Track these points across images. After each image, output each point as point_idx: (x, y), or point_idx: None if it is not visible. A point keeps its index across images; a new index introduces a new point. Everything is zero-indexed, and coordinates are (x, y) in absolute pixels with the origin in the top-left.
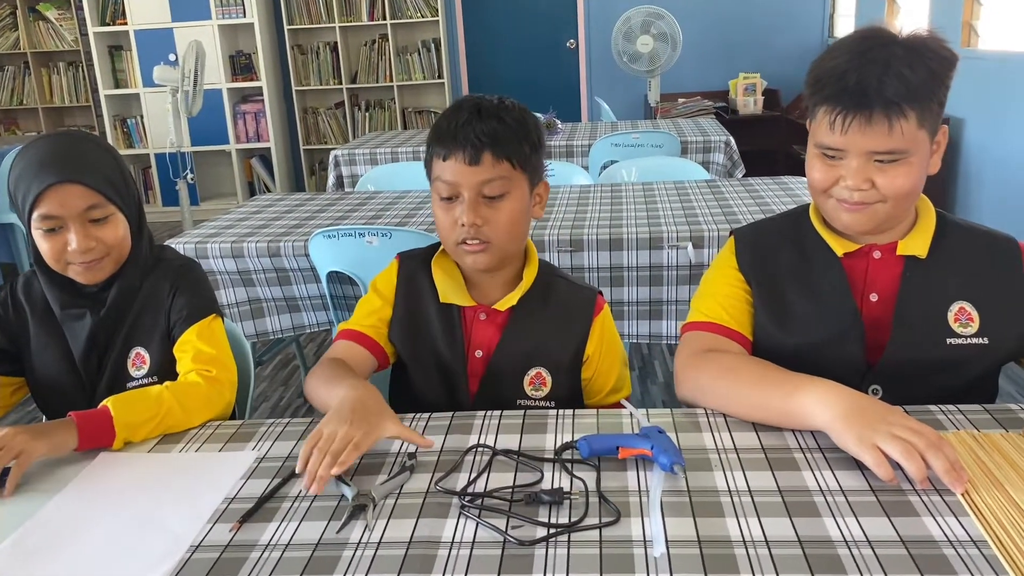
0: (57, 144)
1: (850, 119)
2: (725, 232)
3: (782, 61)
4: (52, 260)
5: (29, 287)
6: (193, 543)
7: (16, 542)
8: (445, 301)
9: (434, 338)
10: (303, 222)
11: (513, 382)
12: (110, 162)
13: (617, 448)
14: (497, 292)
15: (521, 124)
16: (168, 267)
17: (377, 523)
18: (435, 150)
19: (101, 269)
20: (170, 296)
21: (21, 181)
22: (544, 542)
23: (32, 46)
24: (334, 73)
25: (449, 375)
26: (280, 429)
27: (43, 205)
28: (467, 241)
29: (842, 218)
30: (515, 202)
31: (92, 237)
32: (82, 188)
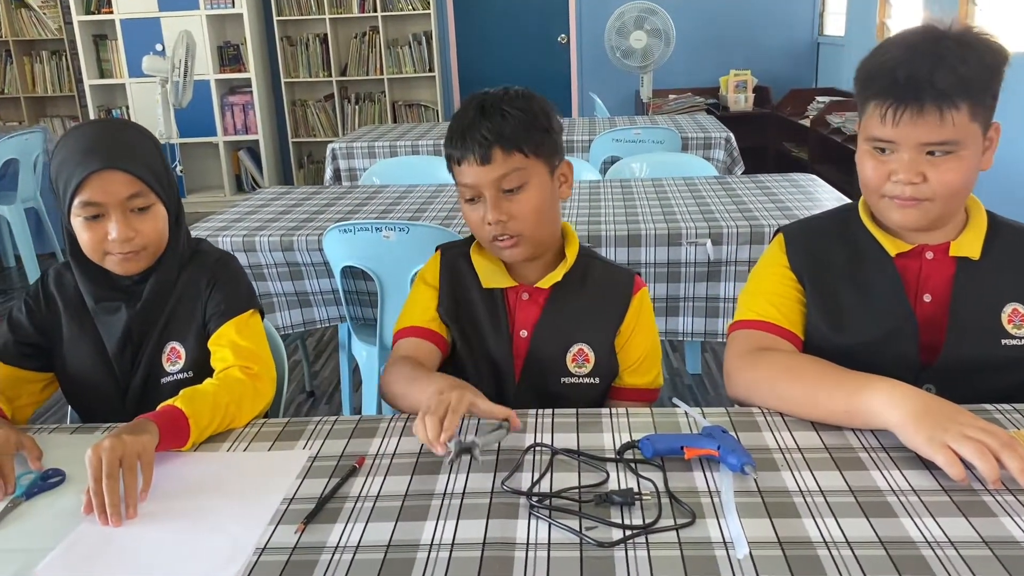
0: (101, 130)
1: (901, 111)
2: (744, 229)
3: (772, 59)
4: (90, 249)
5: (61, 280)
6: (258, 545)
7: (70, 545)
8: (488, 286)
9: (480, 322)
10: (313, 216)
11: (557, 360)
12: (153, 151)
13: (681, 448)
14: (538, 272)
15: (526, 112)
16: (205, 260)
17: (447, 523)
18: (450, 155)
19: (138, 261)
20: (208, 289)
21: (64, 168)
22: (622, 544)
23: (14, 34)
24: (324, 65)
25: (495, 357)
26: (329, 427)
27: (85, 192)
28: (498, 238)
29: (894, 216)
30: (536, 190)
31: (132, 227)
32: (126, 176)
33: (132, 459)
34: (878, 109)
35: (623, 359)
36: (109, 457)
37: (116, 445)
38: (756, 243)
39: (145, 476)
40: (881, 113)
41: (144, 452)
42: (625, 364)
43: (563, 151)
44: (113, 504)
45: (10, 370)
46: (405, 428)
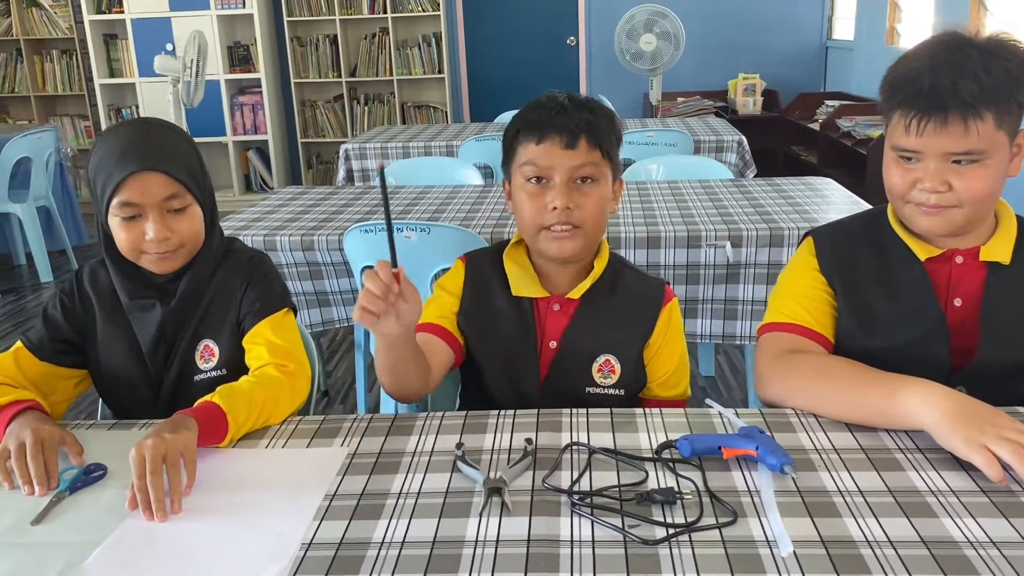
0: (139, 132)
1: (926, 121)
2: (764, 232)
3: (781, 62)
4: (127, 249)
5: (95, 278)
6: (304, 541)
7: (117, 540)
8: (518, 294)
9: (504, 331)
10: (332, 216)
11: (583, 369)
12: (190, 151)
13: (719, 448)
14: (568, 283)
15: (610, 119)
16: (239, 259)
17: (490, 519)
18: (525, 136)
19: (174, 260)
20: (242, 288)
21: (102, 168)
22: (666, 541)
23: (25, 33)
24: (333, 66)
25: (518, 367)
26: (365, 425)
27: (123, 192)
28: (554, 227)
29: (920, 222)
30: (602, 189)
31: (169, 227)
32: (163, 177)
33: (175, 456)
34: (903, 119)
35: (652, 371)
36: (153, 454)
37: (159, 443)
38: (776, 245)
39: (188, 472)
40: (906, 123)
41: (187, 449)
42: (654, 376)
43: (621, 169)
44: (158, 500)
45: (45, 366)
46: (441, 426)
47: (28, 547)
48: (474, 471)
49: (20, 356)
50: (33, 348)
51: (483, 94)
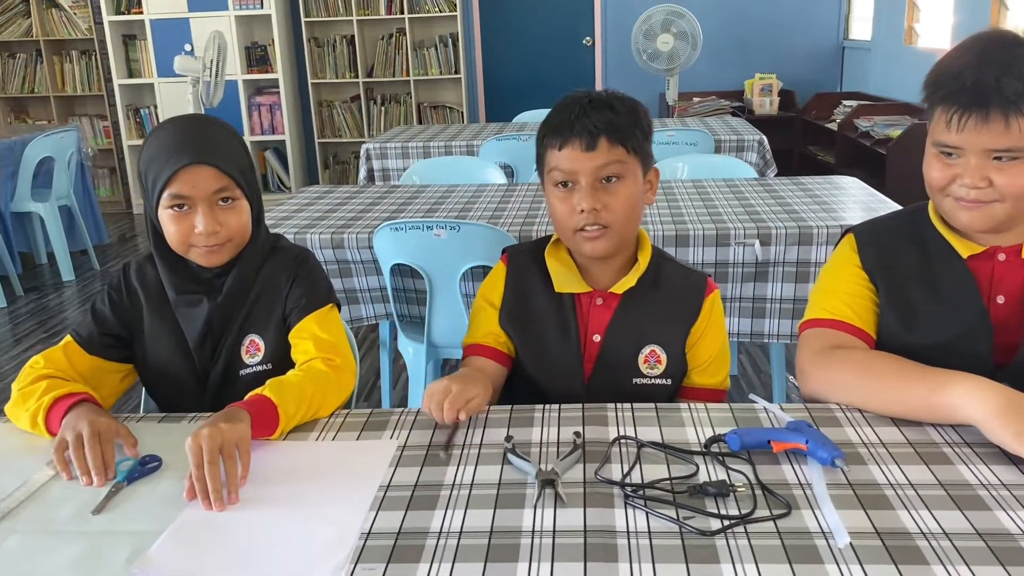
0: (190, 126)
1: (967, 117)
2: (793, 230)
3: (798, 62)
4: (176, 242)
5: (142, 273)
6: (362, 530)
7: (178, 529)
8: (560, 291)
9: (548, 327)
10: (360, 215)
11: (629, 361)
12: (239, 147)
13: (768, 442)
14: (611, 277)
15: (632, 111)
16: (285, 255)
17: (545, 511)
18: (550, 141)
19: (222, 254)
20: (288, 284)
21: (153, 163)
22: (722, 533)
23: (45, 34)
24: (350, 66)
25: (564, 361)
26: (412, 418)
27: (174, 185)
28: (586, 228)
29: (959, 217)
30: (630, 186)
31: (218, 221)
32: (214, 171)
33: (231, 447)
34: (944, 115)
35: (692, 359)
36: (209, 445)
37: (215, 433)
38: (804, 244)
39: (243, 463)
40: (947, 119)
41: (241, 440)
42: (694, 364)
43: (653, 160)
44: (215, 490)
45: (94, 360)
46: (488, 419)
47: (92, 535)
48: (526, 463)
49: (70, 350)
50: (82, 342)
51: (499, 94)
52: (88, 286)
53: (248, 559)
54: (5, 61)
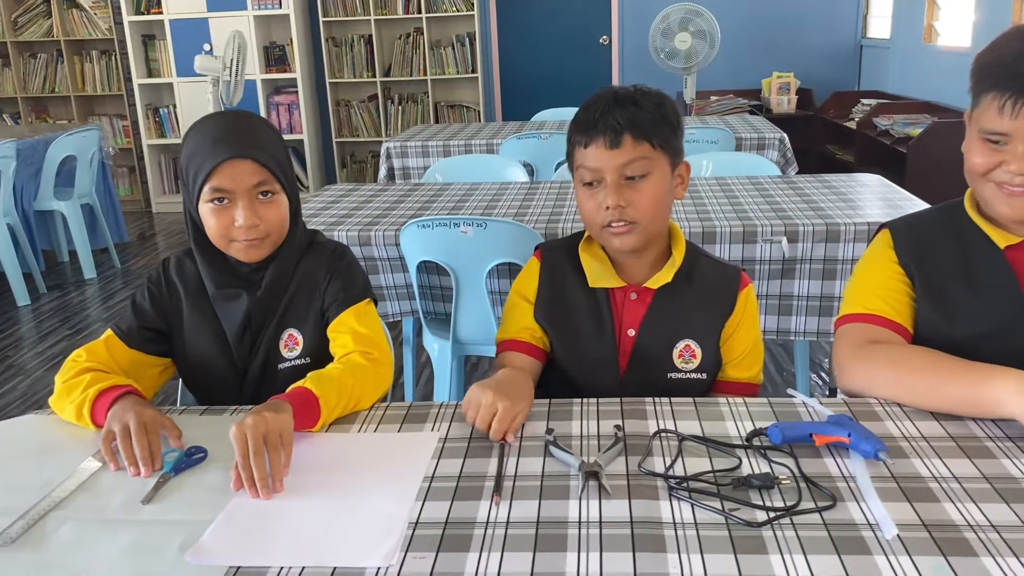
0: (230, 121)
1: (1020, 104)
2: (820, 227)
3: (816, 61)
4: (217, 236)
5: (182, 268)
6: (410, 520)
7: (228, 518)
8: (594, 285)
9: (582, 322)
10: (386, 212)
11: (663, 356)
12: (278, 143)
13: (810, 435)
14: (645, 272)
15: (659, 107)
16: (323, 250)
17: (591, 503)
18: (577, 139)
19: (262, 248)
20: (326, 279)
21: (195, 157)
22: (768, 524)
23: (65, 34)
24: (368, 66)
25: (599, 356)
26: (451, 411)
27: (215, 179)
28: (612, 224)
29: (999, 204)
30: (657, 182)
31: (257, 215)
32: (253, 164)
33: (275, 436)
34: (995, 101)
35: (727, 353)
36: (254, 434)
37: (259, 423)
38: (832, 241)
39: (286, 452)
40: (999, 105)
41: (285, 430)
42: (729, 358)
43: (683, 153)
44: (262, 479)
45: (135, 354)
46: None
47: (143, 524)
48: (568, 456)
49: (111, 344)
50: (123, 336)
51: (515, 93)
52: (109, 284)
53: (300, 546)
54: (26, 61)
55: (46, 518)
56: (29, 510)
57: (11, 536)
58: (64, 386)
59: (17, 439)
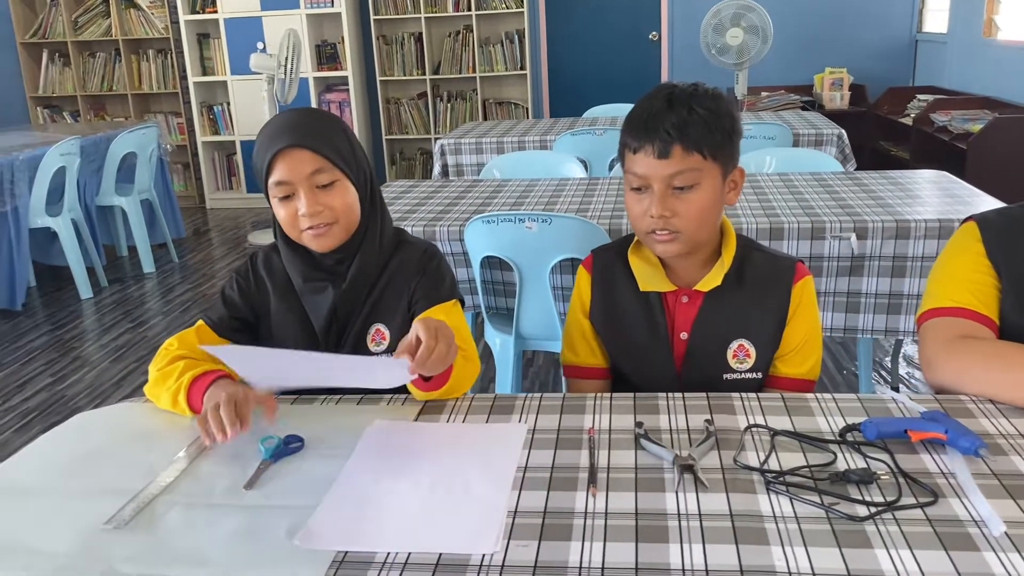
0: (290, 116)
1: None
2: (890, 224)
3: (869, 56)
4: (287, 226)
5: (269, 262)
6: (510, 509)
7: (332, 504)
8: (645, 289)
9: (635, 326)
10: (448, 208)
11: (717, 357)
12: (338, 131)
13: (905, 431)
14: (695, 273)
15: (712, 113)
16: (413, 249)
17: (688, 495)
18: (627, 142)
19: (331, 236)
20: (417, 276)
21: (258, 153)
22: (871, 519)
23: (123, 33)
24: (417, 63)
25: (652, 360)
26: (536, 403)
27: (275, 172)
28: (656, 232)
29: None
30: (706, 192)
31: (319, 202)
32: (309, 153)
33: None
34: None
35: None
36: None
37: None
38: (901, 238)
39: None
40: None
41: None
42: (780, 351)
43: (738, 157)
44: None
45: (224, 343)
46: (613, 406)
47: (248, 509)
48: (662, 449)
49: (202, 332)
50: (213, 325)
51: (563, 90)
52: (168, 278)
53: (405, 533)
54: (86, 60)
55: (155, 502)
56: (138, 494)
57: (124, 518)
58: (159, 374)
59: (115, 426)
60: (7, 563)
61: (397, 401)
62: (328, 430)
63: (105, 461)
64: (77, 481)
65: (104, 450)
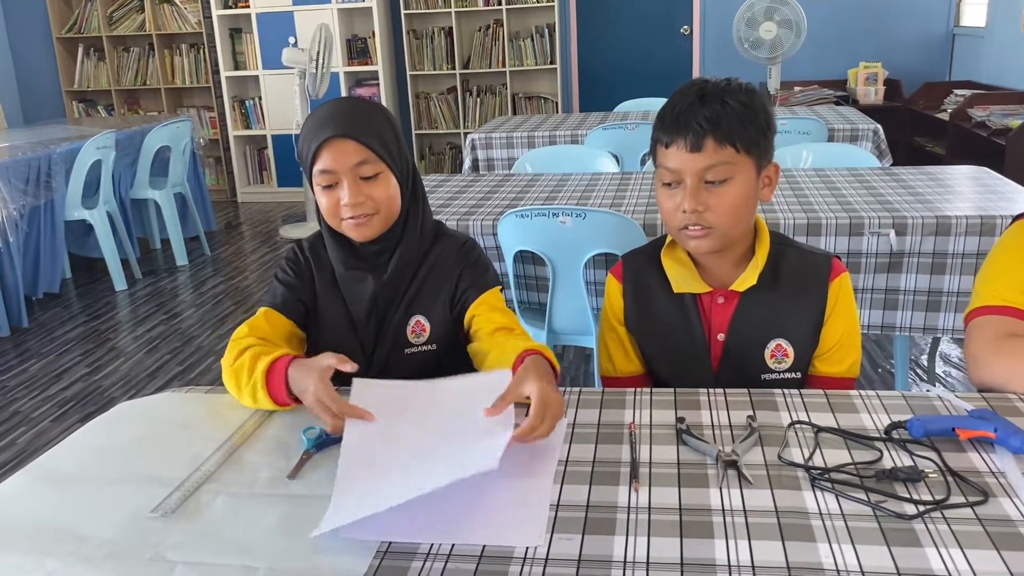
0: (337, 105)
1: None
2: (930, 220)
3: (905, 51)
4: (328, 215)
5: (315, 250)
6: (552, 502)
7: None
8: (679, 291)
9: (671, 329)
10: (481, 202)
11: (755, 358)
12: (384, 123)
13: (953, 430)
14: (729, 272)
15: (747, 107)
16: (453, 241)
17: (732, 491)
18: (658, 137)
19: (371, 226)
20: (459, 268)
21: (304, 141)
22: (919, 518)
23: (157, 28)
24: (447, 58)
25: (689, 362)
26: (576, 397)
27: (320, 160)
28: (689, 227)
29: None
30: (739, 187)
31: (362, 193)
32: (354, 144)
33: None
34: None
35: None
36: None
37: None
38: (942, 234)
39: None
40: None
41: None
42: (819, 350)
43: (773, 153)
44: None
45: (291, 324)
46: (653, 401)
47: (292, 499)
48: (704, 445)
49: (269, 315)
50: (278, 306)
51: (593, 84)
52: (201, 271)
53: (449, 524)
54: (120, 55)
55: (200, 490)
56: (183, 482)
57: (171, 507)
58: (231, 371)
59: (157, 415)
60: (55, 548)
61: None
62: None
63: (148, 450)
64: (121, 469)
65: (147, 439)
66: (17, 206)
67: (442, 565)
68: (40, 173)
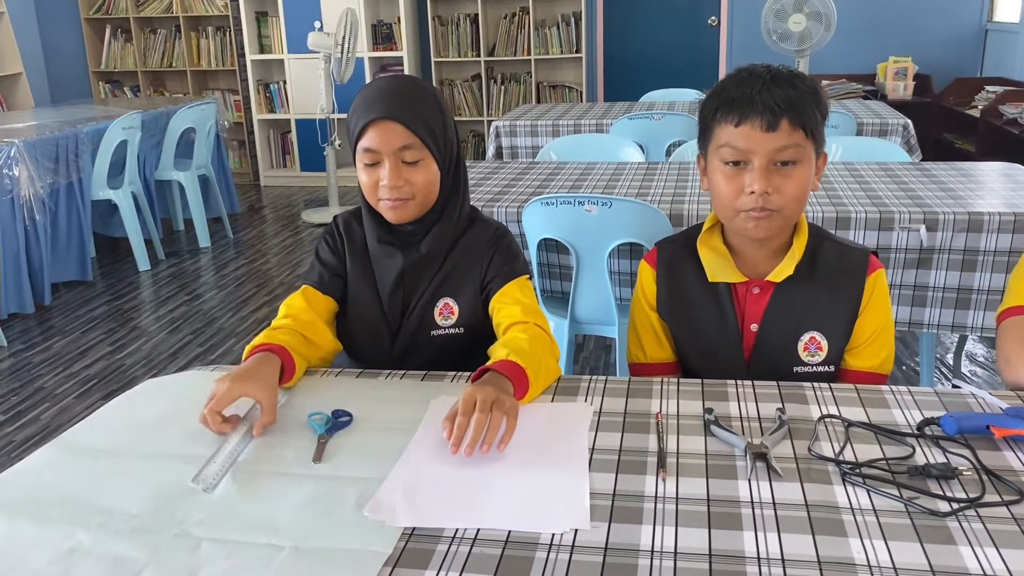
0: (389, 84)
1: None
2: (962, 216)
3: (936, 46)
4: (367, 192)
5: (349, 226)
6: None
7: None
8: (714, 280)
9: (704, 318)
10: (505, 189)
11: (788, 350)
12: (433, 109)
13: (987, 427)
14: (766, 263)
15: (814, 93)
16: (486, 228)
17: (761, 483)
18: (724, 116)
19: (407, 209)
20: (490, 253)
21: (353, 115)
22: (953, 515)
23: (184, 10)
24: (472, 45)
25: (722, 350)
26: (601, 385)
27: (365, 139)
28: (754, 210)
29: None
30: (805, 171)
31: (402, 177)
32: (401, 128)
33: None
34: None
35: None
36: (483, 397)
37: (491, 393)
38: (973, 231)
39: (509, 425)
40: None
41: (512, 409)
42: (851, 344)
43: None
44: (474, 438)
45: (329, 301)
46: (680, 391)
47: (319, 479)
48: (733, 436)
49: (308, 294)
50: (317, 285)
51: (619, 74)
52: (223, 253)
53: (482, 508)
54: (147, 36)
55: (233, 468)
56: (212, 457)
57: (210, 481)
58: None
59: (183, 393)
60: (83, 520)
61: (461, 379)
62: (376, 404)
63: (174, 426)
64: (147, 445)
65: (173, 416)
66: (44, 184)
67: (467, 549)
68: (68, 152)
